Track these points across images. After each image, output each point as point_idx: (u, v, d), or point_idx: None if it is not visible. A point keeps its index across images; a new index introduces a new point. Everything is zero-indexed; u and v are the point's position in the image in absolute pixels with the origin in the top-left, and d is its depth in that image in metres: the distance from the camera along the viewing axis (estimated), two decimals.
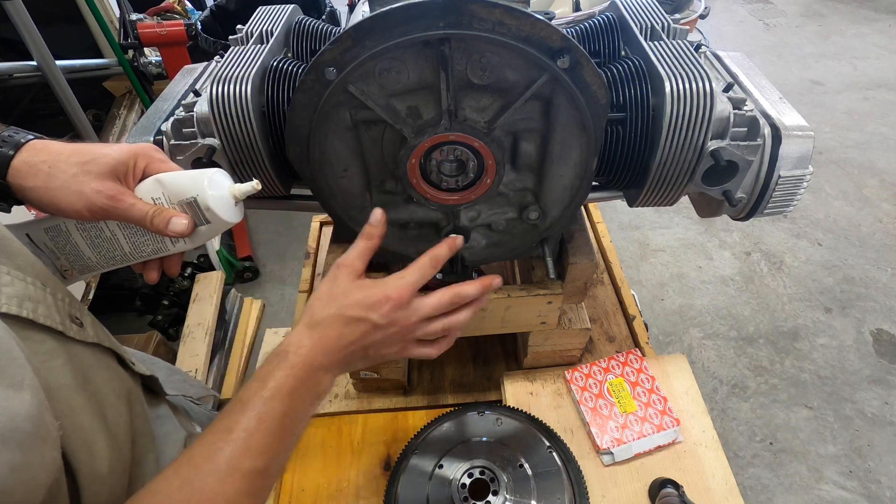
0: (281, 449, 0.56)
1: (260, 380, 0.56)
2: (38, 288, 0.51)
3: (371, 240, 0.65)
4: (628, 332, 1.17)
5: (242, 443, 0.52)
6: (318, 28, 0.93)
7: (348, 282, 0.62)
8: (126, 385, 0.62)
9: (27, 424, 0.40)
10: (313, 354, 0.59)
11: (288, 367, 0.57)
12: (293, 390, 0.56)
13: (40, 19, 1.91)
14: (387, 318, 0.61)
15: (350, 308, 0.60)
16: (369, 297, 0.61)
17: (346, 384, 1.11)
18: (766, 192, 0.74)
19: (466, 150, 0.68)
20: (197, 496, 0.49)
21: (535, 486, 0.84)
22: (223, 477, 0.50)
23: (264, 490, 0.54)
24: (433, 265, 0.65)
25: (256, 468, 0.52)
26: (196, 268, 2.39)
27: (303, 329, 0.61)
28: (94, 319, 0.60)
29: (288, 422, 0.56)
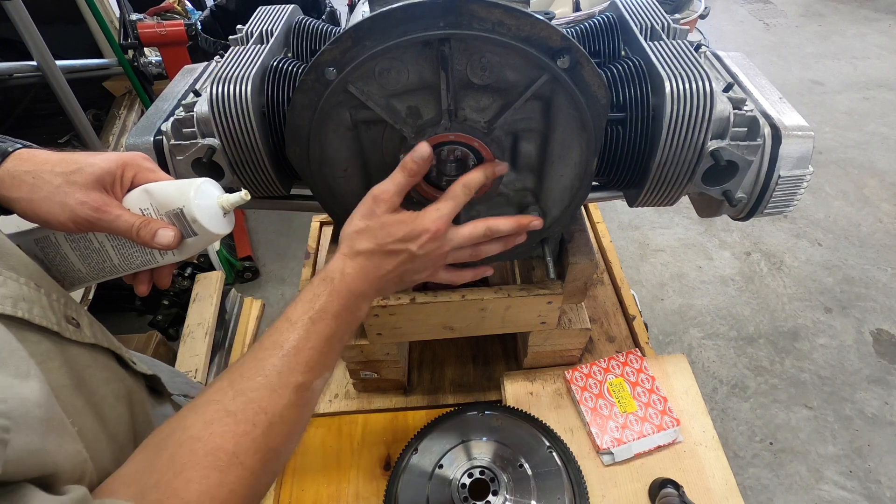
0: (325, 366, 0.59)
1: (307, 301, 0.59)
2: (31, 288, 0.50)
3: (412, 176, 0.64)
4: (628, 332, 1.17)
5: (292, 358, 0.55)
6: (318, 28, 0.93)
7: (386, 216, 0.64)
8: (126, 385, 0.62)
9: (39, 411, 0.40)
10: (356, 282, 0.62)
11: (333, 292, 0.60)
12: (337, 313, 0.59)
13: (40, 19, 1.91)
14: (424, 248, 0.64)
15: (391, 242, 0.63)
16: (410, 231, 0.63)
17: (346, 384, 1.11)
18: (766, 192, 0.74)
19: (466, 150, 0.68)
20: (251, 406, 0.51)
21: (535, 486, 0.84)
22: (275, 388, 0.53)
23: (310, 404, 0.57)
24: (466, 193, 0.66)
25: (304, 383, 0.55)
26: (196, 268, 2.39)
27: (344, 258, 0.63)
28: (91, 320, 0.60)
29: (332, 341, 0.59)
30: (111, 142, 2.37)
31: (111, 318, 2.31)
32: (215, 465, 0.47)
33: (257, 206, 0.92)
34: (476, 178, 0.66)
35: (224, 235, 0.64)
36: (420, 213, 0.64)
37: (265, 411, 0.51)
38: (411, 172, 0.64)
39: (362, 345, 0.96)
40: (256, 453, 0.50)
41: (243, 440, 0.49)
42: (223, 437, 0.49)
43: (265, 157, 0.74)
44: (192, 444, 0.48)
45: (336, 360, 0.62)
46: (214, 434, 0.49)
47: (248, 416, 0.50)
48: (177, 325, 2.23)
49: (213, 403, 0.51)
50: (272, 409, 0.52)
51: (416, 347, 1.18)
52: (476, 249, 0.70)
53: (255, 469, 0.50)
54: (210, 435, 0.48)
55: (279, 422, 0.52)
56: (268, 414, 0.51)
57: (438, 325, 0.93)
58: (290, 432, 0.54)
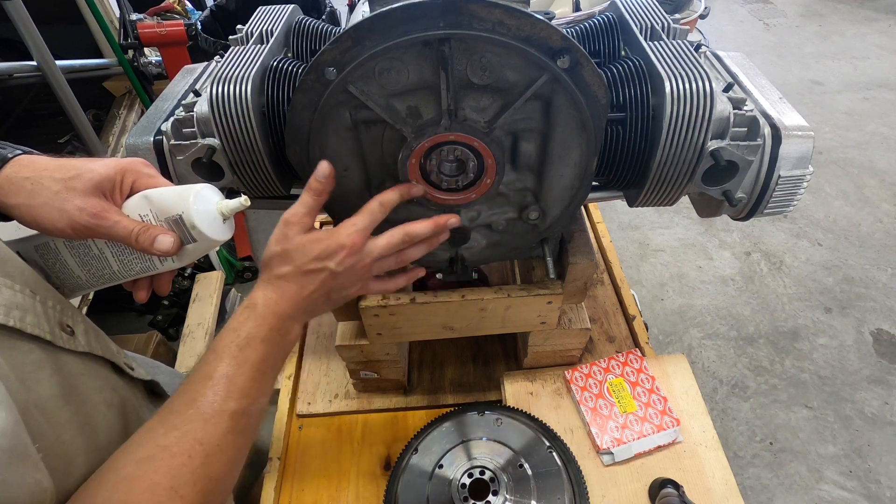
0: (260, 392, 0.58)
1: (232, 331, 0.59)
2: (26, 296, 0.50)
3: (320, 196, 0.65)
4: (628, 332, 1.17)
5: (223, 387, 0.54)
6: (318, 28, 0.93)
7: (300, 237, 0.63)
8: (119, 394, 0.62)
9: (2, 441, 0.40)
10: (280, 306, 0.61)
11: (258, 318, 0.60)
12: (266, 338, 0.59)
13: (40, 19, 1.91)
14: (343, 264, 0.63)
15: (307, 262, 0.62)
16: (325, 249, 0.62)
17: (346, 384, 1.11)
18: (766, 192, 0.74)
19: (466, 150, 0.68)
20: (185, 438, 0.50)
21: (535, 486, 0.84)
22: (208, 418, 0.52)
23: (249, 428, 0.56)
24: (382, 210, 0.66)
25: (240, 409, 0.54)
26: (196, 268, 2.39)
27: (265, 285, 0.63)
28: (87, 327, 0.59)
29: (264, 366, 0.58)
30: (111, 142, 2.37)
31: (111, 319, 2.32)
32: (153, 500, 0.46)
33: (257, 206, 0.92)
34: (391, 198, 0.67)
35: (224, 242, 0.64)
36: (335, 230, 0.64)
37: (200, 442, 0.51)
38: (316, 192, 0.64)
39: (362, 345, 0.96)
40: (196, 485, 0.49)
41: (181, 473, 0.49)
42: (158, 473, 0.48)
43: (265, 157, 0.74)
44: (126, 484, 0.47)
45: (271, 385, 0.61)
46: (149, 471, 0.48)
47: (184, 449, 0.50)
48: (177, 325, 2.23)
49: (144, 443, 0.50)
50: (208, 439, 0.51)
51: (416, 347, 1.18)
52: (400, 256, 0.70)
53: (195, 500, 0.49)
54: (144, 472, 0.48)
55: (217, 451, 0.52)
56: (203, 444, 0.51)
57: (438, 325, 0.93)
58: (229, 460, 0.53)
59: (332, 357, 1.15)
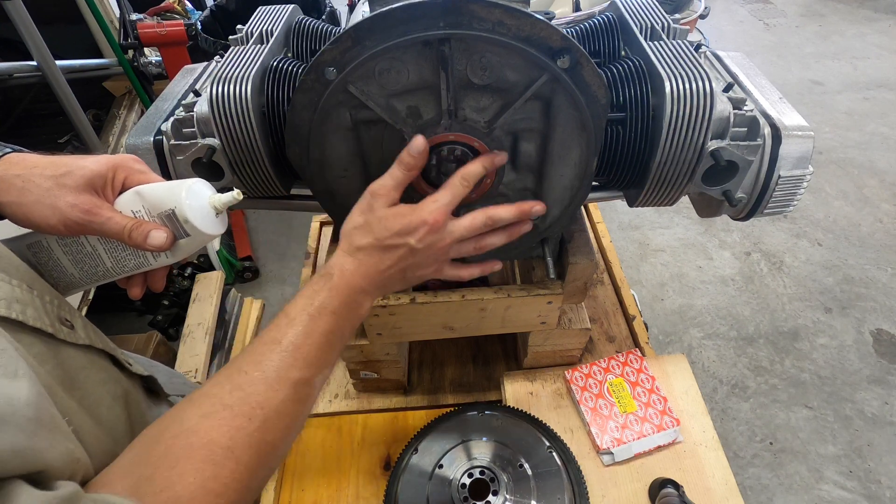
0: (325, 363, 0.58)
1: (307, 297, 0.59)
2: (24, 290, 0.50)
3: (409, 170, 0.64)
4: (628, 332, 1.17)
5: (290, 354, 0.55)
6: (318, 28, 0.93)
7: (384, 210, 0.63)
8: (122, 386, 0.62)
9: (28, 410, 0.40)
10: (355, 279, 0.61)
11: (333, 288, 0.60)
12: (336, 309, 0.59)
13: (40, 19, 1.91)
14: (423, 241, 0.63)
15: (388, 237, 0.62)
16: (407, 224, 0.62)
17: (346, 384, 1.11)
18: (766, 192, 0.74)
19: (466, 150, 0.68)
20: (248, 400, 0.51)
21: (535, 486, 0.84)
22: (272, 384, 0.53)
23: (309, 399, 0.57)
24: (464, 185, 0.65)
25: (303, 378, 0.55)
26: (196, 268, 2.39)
27: (343, 255, 0.63)
28: (85, 322, 0.59)
29: (332, 338, 0.58)
30: (111, 142, 2.37)
31: (111, 319, 2.32)
32: (210, 458, 0.47)
33: (257, 206, 0.92)
34: (475, 170, 0.65)
35: (217, 236, 0.64)
36: (418, 206, 0.63)
37: (261, 406, 0.51)
38: (408, 166, 0.63)
39: (362, 345, 0.96)
40: (251, 448, 0.50)
41: (239, 434, 0.49)
42: (219, 430, 0.48)
43: (265, 157, 0.74)
44: (187, 436, 0.48)
45: (336, 357, 0.61)
46: (210, 427, 0.48)
47: (245, 411, 0.50)
48: (177, 325, 2.23)
49: (209, 397, 0.51)
50: (269, 404, 0.52)
51: (416, 347, 1.18)
52: (479, 241, 0.69)
53: (249, 464, 0.49)
54: (206, 428, 0.48)
55: (275, 417, 0.52)
56: (264, 409, 0.51)
57: (438, 325, 0.93)
58: (287, 427, 0.54)
59: None
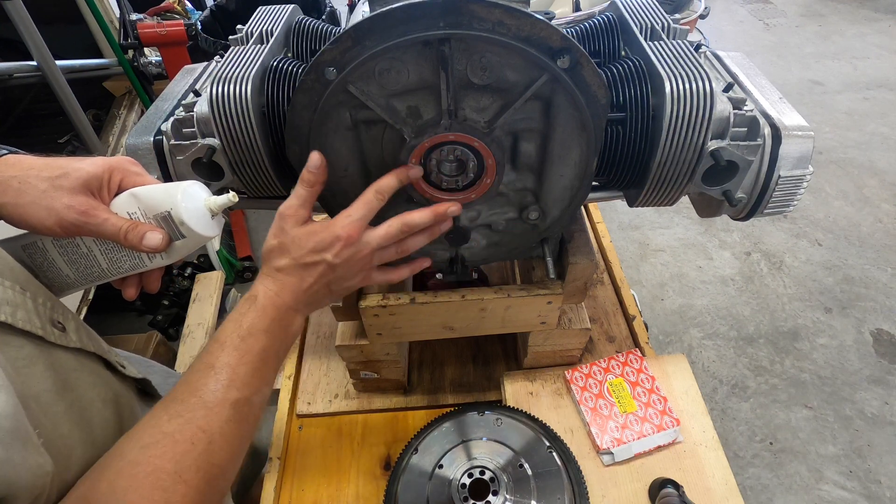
0: (262, 381, 0.58)
1: (234, 321, 0.59)
2: (16, 292, 0.50)
3: (312, 186, 0.65)
4: (628, 332, 1.17)
5: (226, 376, 0.55)
6: (318, 28, 0.93)
7: (296, 230, 0.63)
8: (113, 389, 0.62)
9: (5, 422, 0.40)
10: (281, 297, 0.62)
11: (260, 309, 0.60)
12: (267, 329, 0.59)
13: (40, 19, 1.91)
14: (340, 256, 0.63)
15: (304, 255, 0.62)
16: (321, 241, 0.62)
17: (346, 384, 1.11)
18: (766, 192, 0.74)
19: (466, 150, 0.68)
20: (188, 426, 0.51)
21: (535, 486, 0.84)
22: (211, 407, 0.53)
23: (251, 417, 0.57)
24: (379, 198, 0.65)
25: (242, 398, 0.55)
26: (196, 268, 2.39)
27: (265, 278, 0.63)
28: (79, 324, 0.59)
29: (266, 356, 0.59)
30: (111, 142, 2.37)
31: (111, 319, 2.31)
32: (158, 485, 0.47)
33: (257, 206, 0.92)
34: (389, 184, 0.66)
35: (212, 238, 0.64)
36: (331, 222, 0.64)
37: (203, 430, 0.51)
38: (309, 183, 0.64)
39: (362, 345, 0.96)
40: (199, 471, 0.49)
41: (184, 459, 0.49)
42: (162, 458, 0.48)
43: (265, 157, 0.74)
44: (131, 469, 0.47)
45: (274, 375, 0.61)
46: (153, 456, 0.48)
47: (187, 436, 0.50)
48: (177, 325, 2.23)
49: (148, 429, 0.51)
50: (210, 427, 0.52)
51: (416, 347, 1.18)
52: (400, 246, 0.69)
53: (199, 486, 0.49)
54: (148, 458, 0.48)
55: (219, 439, 0.52)
56: (206, 432, 0.51)
57: (438, 325, 0.93)
58: (232, 448, 0.54)
59: (332, 357, 1.15)
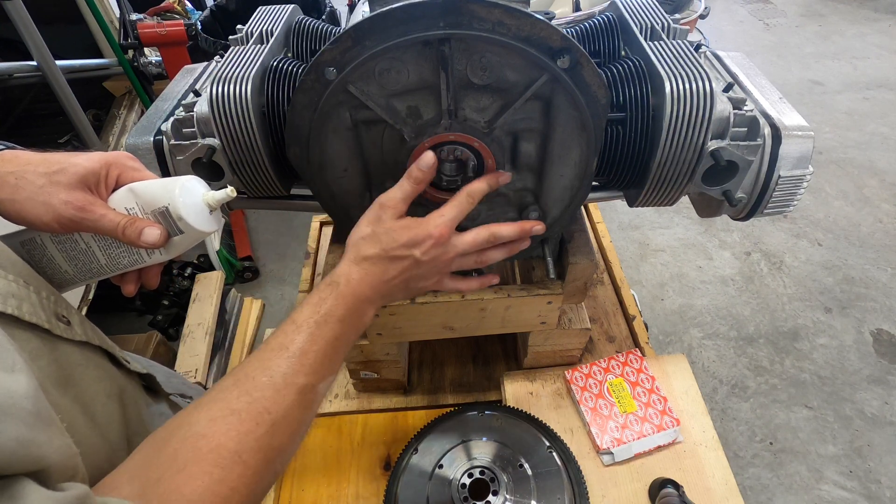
0: (329, 369, 0.59)
1: (313, 305, 0.60)
2: (20, 286, 0.50)
3: (418, 184, 0.65)
4: (628, 332, 1.17)
5: (297, 360, 0.56)
6: (318, 28, 0.93)
7: (392, 222, 0.65)
8: (118, 384, 0.62)
9: (27, 403, 0.40)
10: (361, 287, 0.63)
11: (339, 296, 0.61)
12: (343, 317, 0.60)
13: (40, 19, 1.92)
14: (428, 254, 0.65)
15: (395, 248, 0.64)
16: (414, 237, 0.64)
17: (346, 384, 1.11)
18: (766, 192, 0.74)
19: (466, 150, 0.68)
20: (255, 405, 0.52)
21: (535, 486, 0.84)
22: (279, 389, 0.53)
23: (313, 405, 0.58)
24: (469, 202, 0.67)
25: (308, 384, 0.56)
26: (196, 268, 2.39)
27: (350, 264, 0.64)
28: (82, 318, 0.59)
29: (337, 345, 0.60)
30: (111, 142, 2.37)
31: (111, 318, 2.32)
32: (218, 462, 0.47)
33: (257, 206, 0.92)
34: (480, 188, 0.67)
35: (211, 233, 0.64)
36: (424, 220, 0.65)
37: (269, 411, 0.52)
38: (417, 181, 0.65)
39: (362, 345, 0.96)
40: (259, 452, 0.50)
41: (247, 439, 0.49)
42: (227, 434, 0.49)
43: (265, 157, 0.74)
44: (195, 440, 0.48)
45: (340, 363, 0.62)
46: (218, 432, 0.49)
47: (252, 415, 0.51)
48: (177, 325, 2.23)
49: (217, 402, 0.51)
50: (276, 409, 0.52)
51: (416, 347, 1.18)
52: (480, 256, 0.71)
53: (257, 468, 0.50)
54: (214, 432, 0.49)
55: (283, 422, 0.53)
56: (271, 414, 0.52)
57: (438, 325, 0.93)
58: (293, 432, 0.55)
59: None
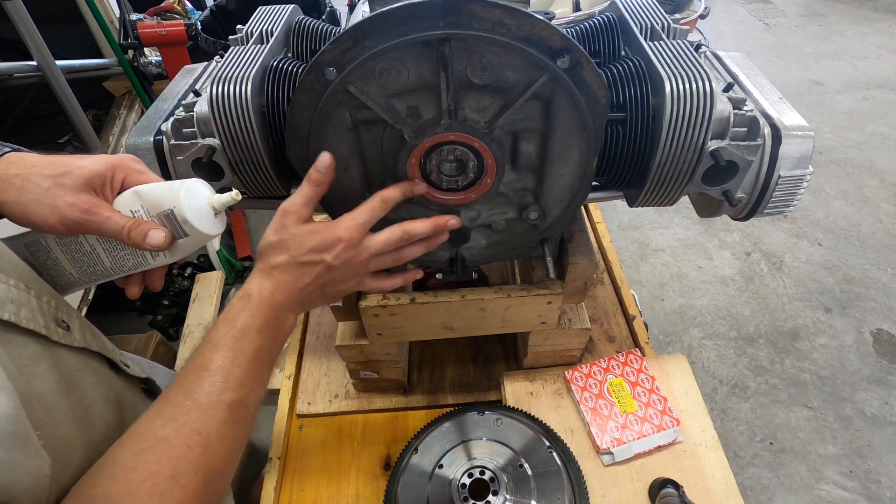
0: (256, 382, 0.58)
1: (228, 321, 0.59)
2: (21, 290, 0.50)
3: (319, 186, 0.65)
4: (628, 332, 1.17)
5: (220, 378, 0.54)
6: (318, 28, 0.93)
7: (297, 227, 0.63)
8: (116, 390, 0.62)
9: (6, 424, 0.40)
10: (275, 296, 0.61)
11: (254, 308, 0.60)
12: (261, 328, 0.59)
13: (40, 19, 1.92)
14: (339, 258, 0.63)
15: (304, 253, 0.62)
16: (322, 241, 0.62)
17: (346, 384, 1.11)
18: (766, 192, 0.74)
19: (466, 150, 0.68)
20: (183, 429, 0.50)
21: (535, 486, 0.84)
22: (206, 409, 0.52)
23: (245, 420, 0.57)
24: (383, 206, 0.66)
25: (237, 399, 0.55)
26: (196, 268, 2.39)
27: (260, 275, 0.63)
28: (83, 323, 0.59)
29: (261, 356, 0.58)
30: (111, 142, 2.37)
31: (111, 319, 2.32)
32: (155, 490, 0.46)
33: (257, 206, 0.92)
34: (393, 195, 0.67)
35: (216, 236, 0.64)
36: (333, 223, 0.64)
37: (198, 433, 0.51)
38: (316, 182, 0.64)
39: (362, 345, 0.96)
40: (196, 474, 0.49)
41: (180, 463, 0.49)
42: (158, 463, 0.48)
43: (265, 157, 0.74)
44: (125, 475, 0.47)
45: (268, 375, 0.61)
46: (148, 461, 0.48)
47: (182, 440, 0.50)
48: (177, 325, 2.23)
49: (141, 434, 0.50)
50: (205, 429, 0.51)
51: (416, 347, 1.18)
52: (398, 254, 0.69)
53: (197, 490, 0.49)
54: (144, 463, 0.48)
55: (216, 441, 0.52)
56: (202, 435, 0.51)
57: (438, 325, 0.93)
58: (228, 450, 0.54)
59: (332, 357, 1.15)
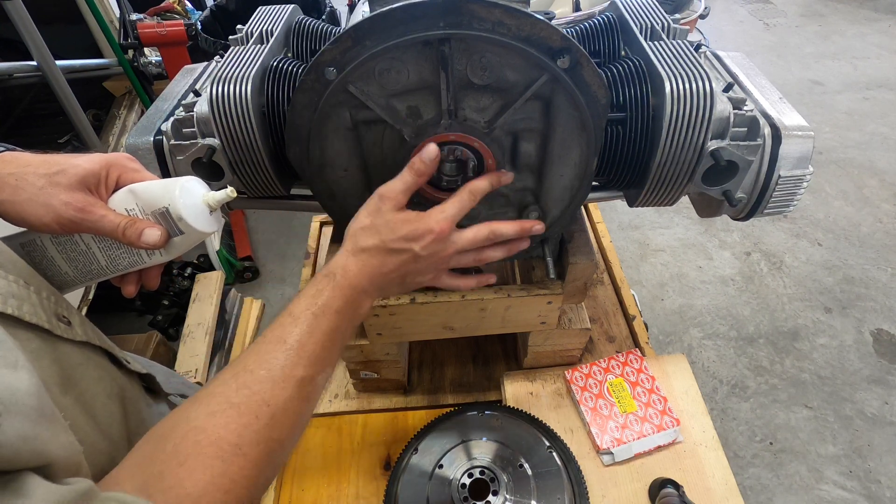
0: (328, 361, 0.59)
1: (310, 296, 0.60)
2: (21, 286, 0.50)
3: (420, 176, 0.65)
4: (628, 332, 1.17)
5: (295, 353, 0.55)
6: (318, 28, 0.93)
7: (392, 214, 0.64)
8: (118, 384, 0.62)
9: (30, 399, 0.40)
10: (358, 279, 0.62)
11: (336, 288, 0.61)
12: (340, 309, 0.60)
13: (40, 19, 1.92)
14: (427, 249, 0.64)
15: (394, 240, 0.63)
16: (413, 230, 0.63)
17: (346, 384, 1.11)
18: (766, 192, 0.74)
19: (466, 150, 0.68)
20: (254, 398, 0.52)
21: (535, 486, 0.84)
22: (278, 382, 0.53)
23: (312, 397, 0.58)
24: (471, 199, 0.66)
25: (307, 376, 0.56)
26: (196, 268, 2.39)
27: (347, 255, 0.64)
28: (83, 318, 0.59)
29: (335, 336, 0.59)
30: (111, 142, 2.37)
31: (111, 318, 2.32)
32: (218, 455, 0.47)
33: (257, 206, 0.92)
34: (482, 186, 0.67)
35: (211, 234, 0.64)
36: (425, 214, 0.64)
37: (268, 403, 0.52)
38: (419, 172, 0.64)
39: (362, 345, 0.96)
40: (259, 444, 0.50)
41: (246, 431, 0.50)
42: (226, 428, 0.49)
43: (265, 157, 0.74)
44: (195, 434, 0.48)
45: (338, 355, 0.62)
46: (218, 425, 0.49)
47: (252, 408, 0.51)
48: (177, 325, 2.23)
49: (216, 396, 0.51)
50: (275, 401, 0.52)
51: (416, 347, 1.18)
52: (479, 254, 0.70)
53: (257, 460, 0.50)
54: (213, 426, 0.49)
55: (282, 414, 0.53)
56: (270, 406, 0.52)
57: (438, 325, 0.93)
58: (292, 425, 0.55)
59: None
